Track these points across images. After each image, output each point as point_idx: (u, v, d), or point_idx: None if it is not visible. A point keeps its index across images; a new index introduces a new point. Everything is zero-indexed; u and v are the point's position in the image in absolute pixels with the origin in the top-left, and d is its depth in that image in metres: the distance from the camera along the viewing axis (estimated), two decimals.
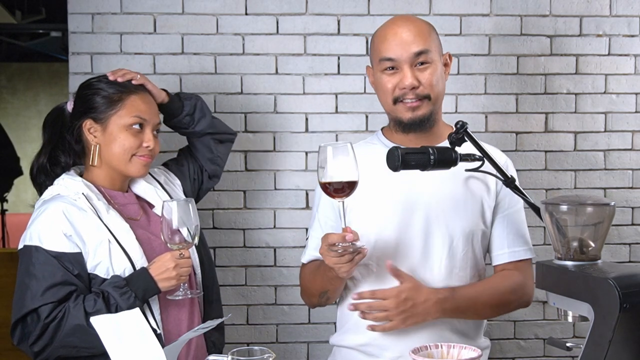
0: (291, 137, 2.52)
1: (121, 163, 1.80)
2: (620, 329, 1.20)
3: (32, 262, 1.66)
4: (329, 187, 1.50)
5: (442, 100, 1.80)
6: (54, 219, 1.67)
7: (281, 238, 2.54)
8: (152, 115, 1.84)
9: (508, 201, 1.80)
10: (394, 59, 1.72)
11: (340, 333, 1.84)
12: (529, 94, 2.57)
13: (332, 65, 2.51)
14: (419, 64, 1.72)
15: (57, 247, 1.66)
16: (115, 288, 1.63)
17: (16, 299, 1.66)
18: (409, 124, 1.75)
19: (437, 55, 1.75)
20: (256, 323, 2.55)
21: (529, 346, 2.62)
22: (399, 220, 1.72)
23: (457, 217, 1.73)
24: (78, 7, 2.46)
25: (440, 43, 1.80)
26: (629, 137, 2.61)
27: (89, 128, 1.80)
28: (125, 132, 1.78)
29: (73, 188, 1.75)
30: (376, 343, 1.73)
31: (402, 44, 1.71)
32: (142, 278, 1.66)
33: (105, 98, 1.79)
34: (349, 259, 1.53)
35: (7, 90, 11.88)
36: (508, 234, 1.80)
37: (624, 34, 2.58)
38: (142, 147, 1.79)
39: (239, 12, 2.49)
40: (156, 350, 1.38)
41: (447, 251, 1.72)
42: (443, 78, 1.78)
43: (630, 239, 2.64)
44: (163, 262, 1.66)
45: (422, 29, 1.74)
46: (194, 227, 1.63)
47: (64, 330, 1.61)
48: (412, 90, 1.72)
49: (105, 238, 1.69)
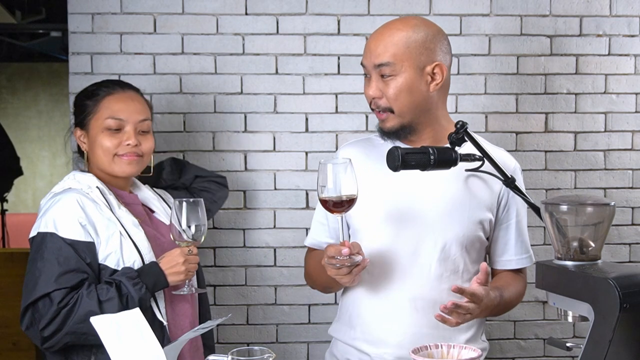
0: (291, 137, 2.52)
1: (105, 164, 1.83)
2: (620, 329, 1.20)
3: (46, 248, 1.68)
4: (327, 202, 1.54)
5: (425, 110, 1.71)
6: (69, 207, 1.71)
7: (281, 238, 2.54)
8: (131, 113, 1.84)
9: (516, 209, 1.80)
10: (364, 65, 1.73)
11: (336, 324, 1.87)
12: (529, 94, 2.57)
13: (332, 65, 2.51)
14: (385, 75, 1.68)
15: (72, 235, 1.69)
16: (128, 278, 1.67)
17: (28, 284, 1.68)
18: (383, 133, 1.76)
19: (409, 68, 1.66)
20: (256, 323, 2.55)
21: (529, 346, 2.62)
22: (393, 218, 1.73)
23: (453, 221, 1.72)
24: (78, 7, 2.46)
25: (430, 54, 1.68)
26: (629, 137, 2.61)
27: (79, 136, 1.87)
28: (102, 134, 1.82)
29: (85, 182, 1.79)
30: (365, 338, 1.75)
31: (369, 53, 1.70)
32: (152, 271, 1.71)
33: (86, 103, 1.85)
34: (347, 272, 1.57)
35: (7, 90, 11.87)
36: (516, 242, 1.81)
37: (624, 34, 2.58)
38: (122, 146, 1.81)
39: (239, 12, 2.49)
40: (156, 350, 1.38)
41: (439, 254, 1.71)
42: (418, 91, 1.68)
43: (630, 239, 2.64)
44: (173, 256, 1.73)
45: (395, 40, 1.66)
46: (201, 226, 1.71)
47: (76, 316, 1.63)
48: (374, 100, 1.71)
49: (117, 230, 1.73)
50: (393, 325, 1.72)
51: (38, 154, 9.73)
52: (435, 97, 1.72)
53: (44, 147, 9.72)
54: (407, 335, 1.70)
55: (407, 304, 1.71)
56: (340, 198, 1.53)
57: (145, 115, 1.88)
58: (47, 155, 9.59)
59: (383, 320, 1.73)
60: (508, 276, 1.82)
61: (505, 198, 1.78)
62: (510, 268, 1.83)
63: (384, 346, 1.72)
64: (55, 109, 10.04)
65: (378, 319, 1.74)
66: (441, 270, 1.71)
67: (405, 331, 1.71)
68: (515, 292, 1.80)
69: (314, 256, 1.88)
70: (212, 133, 2.51)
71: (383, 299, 1.73)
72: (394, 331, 1.71)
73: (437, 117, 1.75)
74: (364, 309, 1.76)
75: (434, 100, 1.73)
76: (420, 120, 1.73)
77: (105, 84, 1.90)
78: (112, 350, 1.35)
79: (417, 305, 1.70)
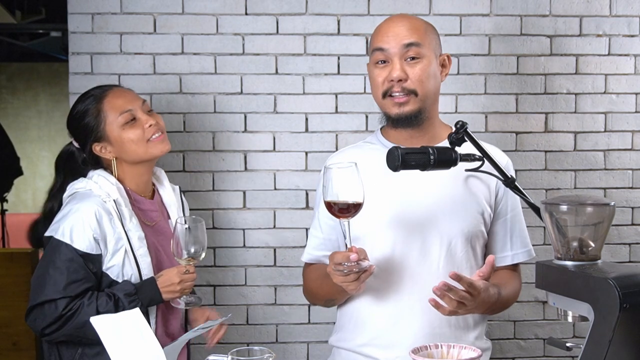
0: (291, 137, 2.52)
1: (141, 153, 1.88)
2: (620, 329, 1.20)
3: (59, 256, 1.77)
4: (333, 206, 1.52)
5: (435, 100, 1.77)
6: (86, 220, 1.78)
7: (281, 238, 2.54)
8: (133, 101, 1.91)
9: (510, 204, 1.80)
10: (385, 49, 1.72)
11: (339, 334, 1.84)
12: (529, 94, 2.57)
13: (332, 65, 2.51)
14: (410, 58, 1.70)
15: (85, 247, 1.78)
16: (125, 295, 1.78)
17: (36, 285, 1.78)
18: (396, 119, 1.74)
19: (430, 53, 1.72)
20: (256, 323, 2.55)
21: (529, 346, 2.62)
22: (397, 220, 1.72)
23: (456, 217, 1.72)
24: (78, 7, 2.46)
25: (439, 44, 1.79)
26: (629, 137, 2.61)
27: (100, 149, 1.90)
28: (124, 131, 1.87)
29: (106, 189, 1.85)
30: (374, 343, 1.73)
31: (395, 36, 1.71)
32: (150, 288, 1.80)
33: (90, 116, 1.89)
34: (355, 278, 1.54)
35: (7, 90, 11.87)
36: (511, 237, 1.81)
37: (624, 34, 2.58)
38: (147, 130, 1.87)
39: (239, 12, 2.49)
40: (156, 350, 1.38)
41: (446, 251, 1.71)
42: (437, 78, 1.75)
43: (630, 239, 2.64)
44: (169, 276, 1.81)
45: (417, 25, 1.74)
46: (201, 246, 1.76)
47: (75, 322, 1.75)
48: (399, 82, 1.70)
49: (124, 247, 1.82)
50: (404, 328, 1.70)
51: (38, 154, 9.73)
52: (439, 88, 1.78)
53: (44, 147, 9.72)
54: (418, 337, 1.68)
55: (417, 304, 1.69)
56: (346, 203, 1.51)
57: (141, 98, 1.95)
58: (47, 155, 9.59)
59: (394, 324, 1.71)
60: (505, 274, 1.82)
61: (500, 193, 1.79)
62: (506, 264, 1.82)
63: (396, 349, 1.70)
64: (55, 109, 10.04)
65: (389, 322, 1.72)
66: (449, 268, 1.71)
67: (417, 333, 1.69)
68: (511, 291, 1.79)
69: (313, 270, 1.86)
70: (212, 133, 2.51)
71: (392, 302, 1.71)
72: (406, 334, 1.70)
73: (435, 110, 1.80)
74: (373, 314, 1.74)
75: (438, 93, 1.78)
76: (428, 110, 1.75)
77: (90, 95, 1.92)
78: (112, 350, 1.35)
79: (427, 306, 1.69)
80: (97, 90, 1.93)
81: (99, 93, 1.91)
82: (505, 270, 1.83)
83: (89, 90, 1.95)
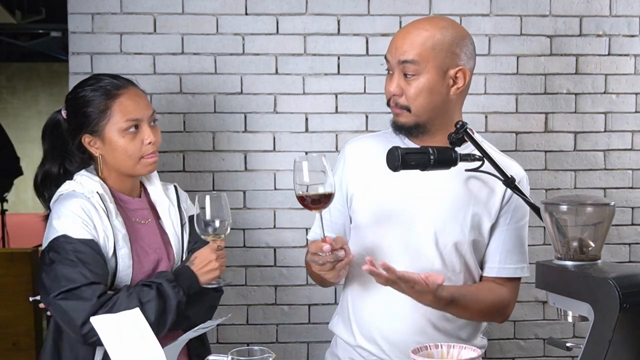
0: (291, 137, 2.52)
1: (129, 168, 1.80)
2: (620, 329, 1.20)
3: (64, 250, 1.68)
4: (306, 199, 1.55)
5: (441, 113, 1.70)
6: (75, 213, 1.71)
7: (281, 238, 2.54)
8: (144, 110, 1.80)
9: (514, 215, 1.76)
10: (388, 59, 1.72)
11: (336, 318, 1.87)
12: (529, 94, 2.57)
13: (332, 65, 2.51)
14: (408, 74, 1.67)
15: (83, 235, 1.69)
16: (167, 281, 1.70)
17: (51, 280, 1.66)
18: (396, 127, 1.74)
19: (432, 69, 1.65)
20: (256, 323, 2.55)
21: (529, 346, 2.62)
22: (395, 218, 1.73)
23: (454, 220, 1.71)
24: (78, 7, 2.46)
25: (457, 57, 1.67)
26: (629, 137, 2.61)
27: (89, 142, 1.80)
28: (123, 138, 1.77)
29: (88, 186, 1.77)
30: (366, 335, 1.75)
31: (395, 49, 1.69)
32: (187, 275, 1.73)
33: (95, 108, 1.78)
34: (330, 268, 1.58)
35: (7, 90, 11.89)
36: (503, 250, 1.76)
37: (624, 34, 2.58)
38: (145, 146, 1.79)
39: (239, 12, 2.49)
40: (156, 350, 1.38)
41: (440, 253, 1.71)
42: (439, 94, 1.67)
43: (630, 239, 2.64)
44: (205, 255, 1.74)
45: (422, 40, 1.65)
46: (226, 220, 1.71)
47: None
48: (393, 97, 1.70)
49: (112, 241, 1.73)
50: (395, 323, 1.72)
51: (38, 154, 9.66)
52: (453, 100, 1.71)
53: None
54: (409, 331, 1.71)
55: (409, 301, 1.69)
56: (317, 194, 1.54)
57: (152, 108, 1.85)
58: None
59: (384, 319, 1.73)
60: (484, 285, 1.77)
61: (508, 203, 1.75)
62: (490, 275, 1.77)
63: (386, 344, 1.73)
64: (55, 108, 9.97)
65: (379, 317, 1.74)
66: (442, 269, 1.71)
67: (408, 327, 1.71)
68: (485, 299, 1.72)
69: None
70: (212, 133, 2.51)
71: (385, 296, 1.72)
72: (398, 327, 1.72)
73: (452, 120, 1.70)
74: (365, 308, 1.77)
75: (452, 104, 1.72)
76: (436, 122, 1.71)
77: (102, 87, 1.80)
78: (112, 350, 1.35)
79: (419, 304, 1.69)
80: (113, 83, 1.81)
81: (113, 89, 1.79)
82: (487, 282, 1.78)
83: (104, 77, 1.83)
